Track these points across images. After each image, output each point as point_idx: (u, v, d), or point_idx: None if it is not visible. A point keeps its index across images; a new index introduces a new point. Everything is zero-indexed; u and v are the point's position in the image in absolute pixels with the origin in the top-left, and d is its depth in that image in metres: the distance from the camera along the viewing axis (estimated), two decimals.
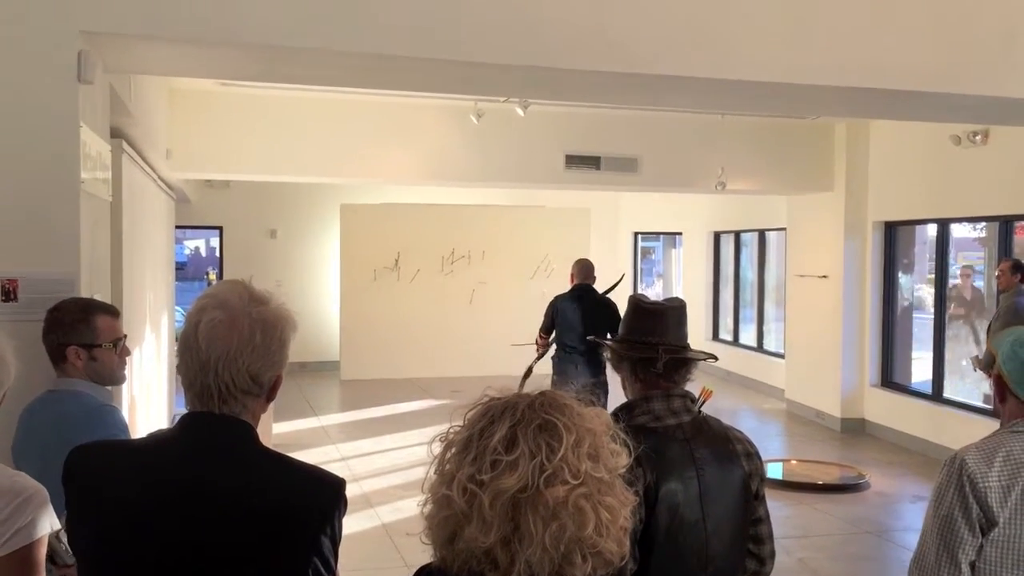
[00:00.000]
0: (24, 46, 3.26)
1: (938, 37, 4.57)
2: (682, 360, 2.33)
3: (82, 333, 2.87)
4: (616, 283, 8.00)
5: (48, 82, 3.29)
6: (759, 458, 2.37)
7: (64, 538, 2.05)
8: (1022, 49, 4.66)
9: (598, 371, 6.84)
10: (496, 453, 1.21)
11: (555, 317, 7.39)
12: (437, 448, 1.29)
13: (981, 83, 4.67)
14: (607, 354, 2.44)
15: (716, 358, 2.52)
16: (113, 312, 3.03)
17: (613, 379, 2.67)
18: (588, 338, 4.93)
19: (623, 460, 1.28)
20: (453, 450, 1.26)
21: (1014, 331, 2.37)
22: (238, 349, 1.64)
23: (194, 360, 1.66)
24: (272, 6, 3.63)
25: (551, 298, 7.65)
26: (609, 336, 6.74)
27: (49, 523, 1.97)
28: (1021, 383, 2.26)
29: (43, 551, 1.97)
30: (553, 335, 7.43)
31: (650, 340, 2.32)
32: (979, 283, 10.40)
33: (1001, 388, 2.32)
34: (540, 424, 1.22)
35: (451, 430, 1.29)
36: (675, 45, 4.22)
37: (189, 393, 1.68)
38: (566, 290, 7.55)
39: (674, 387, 2.32)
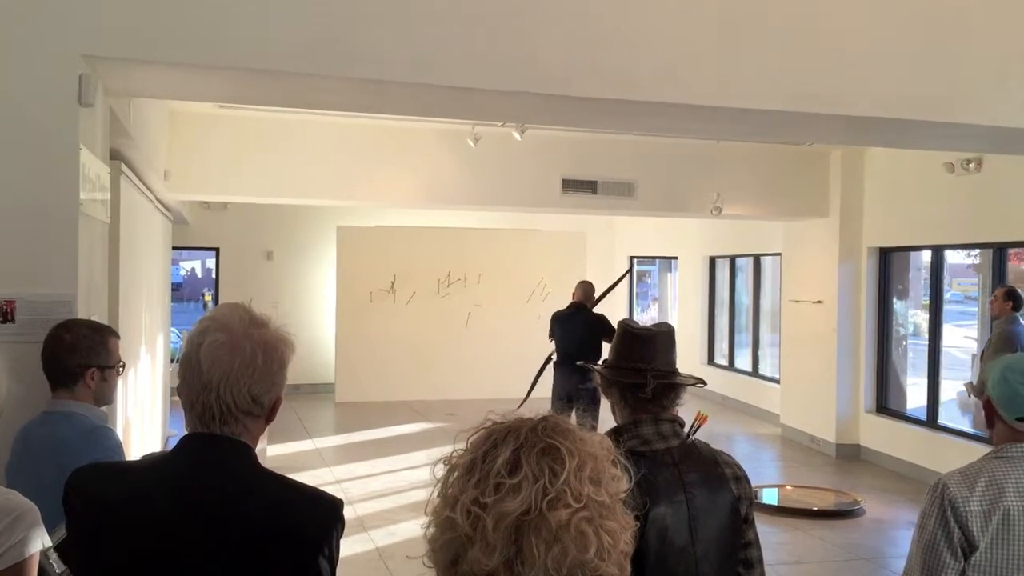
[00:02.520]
0: (25, 69, 3.29)
1: (933, 67, 4.62)
2: (671, 385, 2.34)
3: (100, 355, 2.92)
4: (619, 279, 9.37)
5: (49, 105, 3.31)
6: (748, 482, 2.38)
7: (53, 556, 2.04)
8: (1015, 79, 4.72)
9: (585, 379, 7.77)
10: (499, 476, 1.21)
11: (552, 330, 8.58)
12: (440, 471, 1.29)
13: (975, 112, 4.72)
14: (597, 379, 2.45)
15: (705, 383, 2.53)
16: (117, 334, 3.09)
17: None
18: (578, 363, 5.58)
19: (624, 485, 1.28)
20: (456, 473, 1.26)
21: (1006, 358, 2.40)
22: (240, 371, 1.66)
23: (196, 381, 1.67)
24: (270, 32, 3.66)
25: (545, 320, 8.83)
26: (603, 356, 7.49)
27: (40, 541, 1.97)
28: (1008, 407, 2.29)
29: (35, 569, 1.96)
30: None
31: (639, 365, 2.33)
32: (974, 308, 10.43)
33: (990, 413, 2.35)
34: (543, 448, 1.23)
35: (454, 453, 1.29)
36: (672, 73, 4.26)
37: (190, 414, 1.69)
38: (564, 306, 8.66)
39: (663, 411, 2.33)
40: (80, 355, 2.87)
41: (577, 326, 8.33)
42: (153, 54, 3.53)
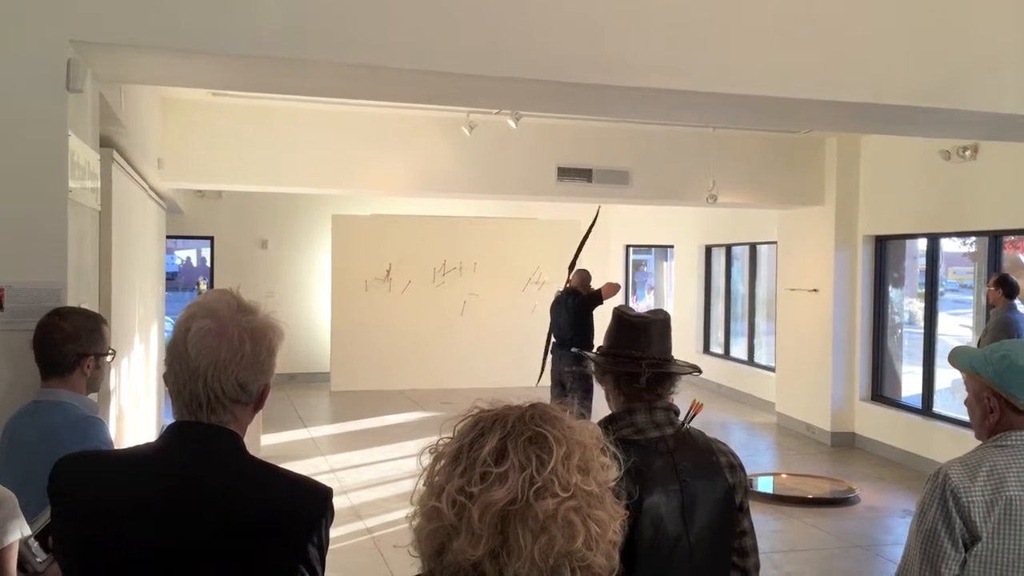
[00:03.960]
0: (13, 54, 3.25)
1: (929, 54, 4.60)
2: (666, 373, 2.32)
3: (97, 342, 2.91)
4: (592, 223, 9.68)
5: (36, 90, 3.28)
6: (743, 470, 2.36)
7: (34, 545, 2.02)
8: (1011, 66, 4.70)
9: (574, 363, 8.14)
10: (486, 465, 1.19)
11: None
12: (427, 460, 1.27)
13: (971, 99, 4.71)
14: (592, 367, 2.43)
15: (700, 371, 2.51)
16: (106, 320, 3.08)
17: None
18: (572, 350, 5.74)
19: (613, 473, 1.27)
20: (442, 462, 1.25)
21: (1006, 344, 2.35)
22: (227, 357, 1.64)
23: (183, 368, 1.65)
24: (262, 17, 3.63)
25: (540, 308, 9.53)
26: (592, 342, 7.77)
27: (20, 530, 1.95)
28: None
29: (14, 557, 1.94)
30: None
31: (633, 354, 2.31)
32: (970, 296, 10.43)
33: (1001, 402, 2.29)
34: (530, 436, 1.21)
35: (440, 442, 1.28)
36: (668, 59, 4.23)
37: (177, 402, 1.67)
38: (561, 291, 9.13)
39: (657, 399, 2.31)
40: (79, 343, 2.86)
41: (564, 311, 8.72)
42: (142, 39, 3.50)
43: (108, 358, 2.97)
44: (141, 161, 6.77)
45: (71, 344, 2.84)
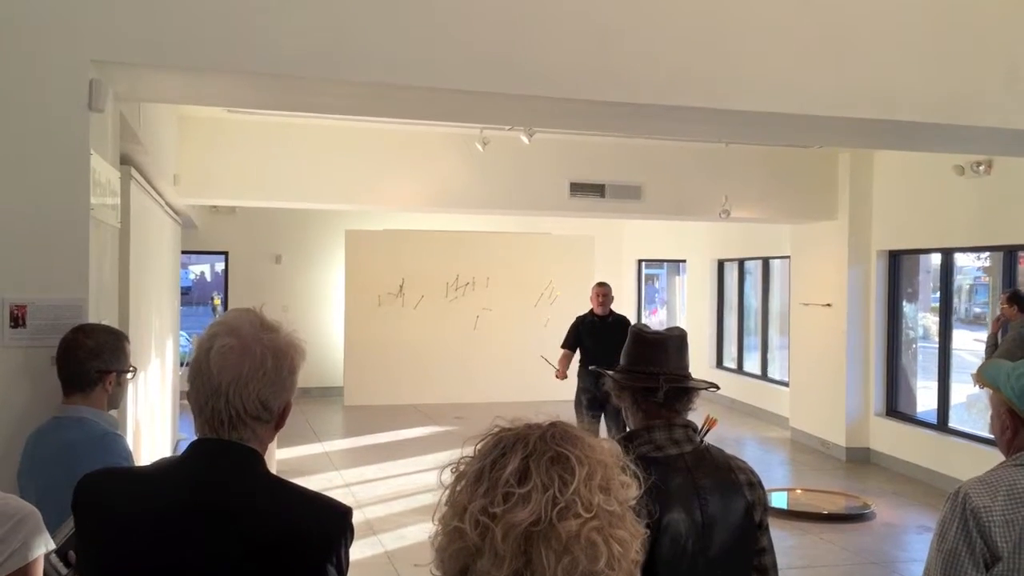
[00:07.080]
0: (36, 74, 3.30)
1: (943, 69, 4.60)
2: (683, 389, 2.33)
3: (120, 360, 2.94)
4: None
5: (59, 110, 3.32)
6: (762, 488, 2.36)
7: (55, 560, 2.03)
8: None
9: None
10: (509, 485, 1.19)
11: None
12: (448, 478, 1.27)
13: (985, 115, 4.70)
14: (609, 384, 2.43)
15: (718, 387, 2.51)
16: (128, 338, 3.10)
17: None
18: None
19: (633, 491, 1.26)
20: (464, 482, 1.25)
21: (1020, 365, 2.34)
22: (249, 375, 1.65)
23: (205, 385, 1.66)
24: (280, 36, 3.67)
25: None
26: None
27: (44, 545, 1.96)
28: None
29: (39, 572, 1.95)
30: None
31: (651, 370, 2.32)
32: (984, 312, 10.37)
33: (1015, 421, 2.29)
34: (553, 456, 1.21)
35: (462, 461, 1.27)
36: (682, 76, 4.25)
37: (199, 419, 1.69)
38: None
39: (676, 416, 2.31)
40: (102, 360, 2.88)
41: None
42: (163, 59, 3.54)
43: (129, 375, 3.00)
44: (158, 178, 6.83)
45: (94, 361, 2.87)
